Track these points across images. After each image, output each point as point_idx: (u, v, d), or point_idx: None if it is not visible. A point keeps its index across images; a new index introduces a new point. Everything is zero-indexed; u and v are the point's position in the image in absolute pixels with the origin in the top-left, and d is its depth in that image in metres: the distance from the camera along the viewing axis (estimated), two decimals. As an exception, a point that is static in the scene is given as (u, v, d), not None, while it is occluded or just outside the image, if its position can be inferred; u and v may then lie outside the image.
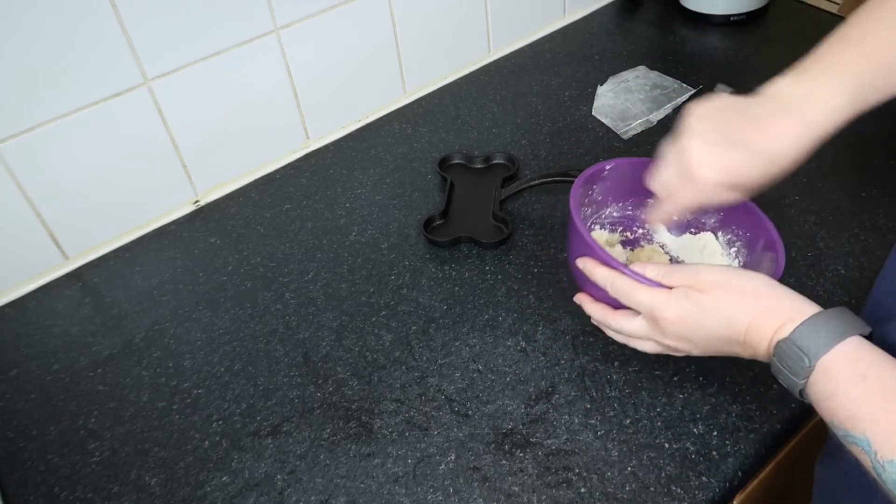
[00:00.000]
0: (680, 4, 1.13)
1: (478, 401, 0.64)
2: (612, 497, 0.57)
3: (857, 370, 0.44)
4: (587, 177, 0.66)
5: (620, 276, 0.56)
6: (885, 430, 0.41)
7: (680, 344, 0.54)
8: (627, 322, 0.57)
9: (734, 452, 0.59)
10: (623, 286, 0.55)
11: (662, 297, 0.53)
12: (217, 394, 0.68)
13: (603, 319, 0.60)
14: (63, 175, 0.77)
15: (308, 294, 0.76)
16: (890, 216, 0.76)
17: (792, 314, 0.48)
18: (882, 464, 0.41)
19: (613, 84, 1.00)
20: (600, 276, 0.57)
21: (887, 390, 0.43)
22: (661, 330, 0.54)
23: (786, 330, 0.47)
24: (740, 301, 0.50)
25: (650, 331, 0.55)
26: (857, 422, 0.43)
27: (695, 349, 0.55)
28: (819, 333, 0.46)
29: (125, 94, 0.77)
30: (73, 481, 0.62)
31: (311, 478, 0.60)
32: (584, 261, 0.59)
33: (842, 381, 0.44)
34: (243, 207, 0.88)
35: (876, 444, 0.42)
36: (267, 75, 0.88)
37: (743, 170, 0.53)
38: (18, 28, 0.68)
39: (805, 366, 0.45)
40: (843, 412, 0.44)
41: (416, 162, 0.92)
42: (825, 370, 0.45)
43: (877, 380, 0.43)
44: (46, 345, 0.74)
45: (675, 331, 0.53)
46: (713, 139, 0.54)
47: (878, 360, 0.44)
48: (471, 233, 0.79)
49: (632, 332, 0.57)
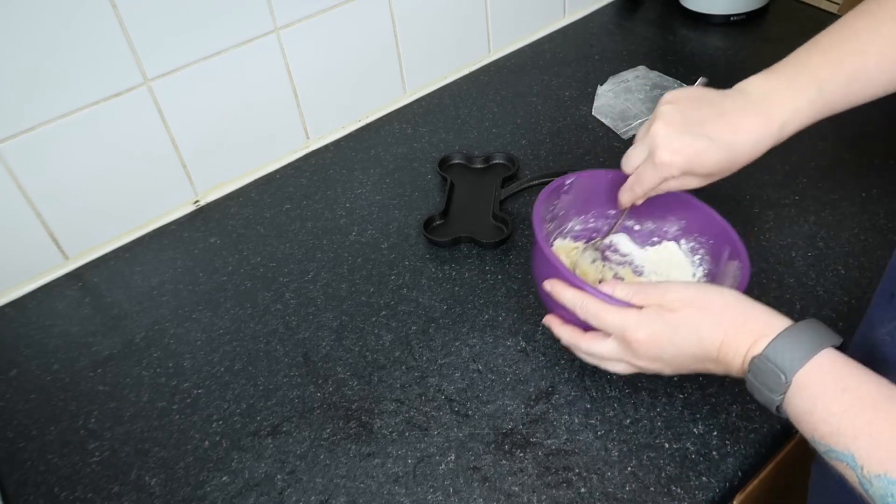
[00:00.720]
0: (680, 4, 1.13)
1: (478, 401, 0.64)
2: (612, 497, 0.57)
3: (835, 383, 0.43)
4: (548, 194, 0.65)
5: (590, 299, 0.55)
6: (870, 444, 0.40)
7: (652, 364, 0.54)
8: (598, 344, 0.57)
9: (734, 452, 0.59)
10: (593, 308, 0.55)
11: (633, 318, 0.53)
12: (217, 394, 0.68)
13: (573, 342, 0.59)
14: (63, 175, 0.77)
15: (308, 294, 0.76)
16: (890, 216, 0.76)
17: (764, 330, 0.48)
18: (869, 479, 0.40)
19: (613, 84, 1.00)
20: (569, 299, 0.57)
21: (868, 402, 0.42)
22: (633, 351, 0.54)
23: (759, 346, 0.47)
24: (711, 318, 0.50)
25: (622, 352, 0.55)
26: (840, 437, 0.42)
27: (667, 368, 0.54)
28: (792, 348, 0.45)
29: (125, 94, 0.77)
30: (73, 481, 0.62)
31: (311, 478, 0.60)
32: (552, 283, 0.59)
33: (820, 396, 0.43)
34: (243, 207, 0.88)
35: (861, 459, 0.40)
36: (267, 75, 0.88)
37: (702, 157, 0.57)
38: (18, 28, 0.68)
39: (781, 381, 0.45)
40: (825, 427, 0.43)
41: (416, 162, 0.92)
42: (803, 385, 0.44)
43: (856, 392, 0.42)
44: (46, 345, 0.74)
45: (646, 351, 0.53)
46: (677, 125, 0.57)
47: (855, 371, 0.44)
48: (471, 233, 0.79)
49: (603, 355, 0.57)
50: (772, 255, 0.74)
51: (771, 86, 0.56)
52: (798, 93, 0.55)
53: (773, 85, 0.56)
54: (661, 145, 0.57)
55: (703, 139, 0.56)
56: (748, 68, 0.66)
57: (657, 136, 0.57)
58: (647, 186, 0.61)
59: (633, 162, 0.61)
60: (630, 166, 0.62)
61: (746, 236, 0.76)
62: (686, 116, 0.57)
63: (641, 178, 0.60)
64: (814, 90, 0.55)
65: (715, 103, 0.57)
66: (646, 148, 0.59)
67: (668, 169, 0.58)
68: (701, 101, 0.58)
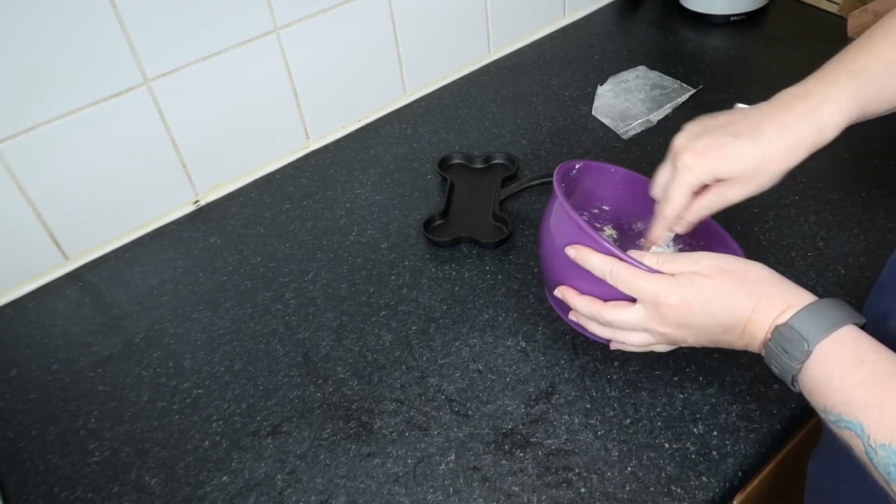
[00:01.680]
0: (680, 4, 1.13)
1: (478, 401, 0.64)
2: (612, 497, 0.57)
3: (854, 355, 0.44)
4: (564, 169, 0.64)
5: (621, 264, 0.54)
6: (880, 415, 0.42)
7: (678, 332, 0.53)
8: (622, 312, 0.55)
9: (734, 452, 0.59)
10: (625, 274, 0.53)
11: (667, 282, 0.52)
12: (217, 394, 0.68)
13: (594, 312, 0.56)
14: (63, 175, 0.77)
15: (308, 294, 0.76)
16: (890, 216, 0.76)
17: (792, 300, 0.49)
18: (875, 448, 0.41)
19: (613, 84, 1.00)
20: (598, 264, 0.54)
21: (884, 376, 0.43)
22: (662, 317, 0.53)
23: (785, 315, 0.48)
24: (745, 287, 0.50)
25: (648, 320, 0.54)
26: (851, 406, 0.43)
27: (690, 337, 0.54)
28: (818, 319, 0.47)
29: (125, 94, 0.77)
30: (73, 481, 0.62)
31: (311, 478, 0.60)
32: (576, 248, 0.56)
33: (838, 366, 0.45)
34: (243, 207, 0.88)
35: (869, 428, 0.42)
36: (267, 75, 0.88)
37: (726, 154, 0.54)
38: (18, 28, 0.68)
39: (804, 349, 0.46)
40: (838, 396, 0.44)
41: (416, 162, 0.92)
42: (822, 355, 0.45)
43: (874, 365, 0.44)
44: (46, 345, 0.74)
45: (677, 317, 0.52)
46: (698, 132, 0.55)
47: (875, 347, 0.45)
48: (471, 233, 0.79)
49: (626, 324, 0.55)
50: (772, 255, 0.74)
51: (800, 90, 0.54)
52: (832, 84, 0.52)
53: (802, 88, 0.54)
54: (682, 151, 0.55)
55: (726, 137, 0.54)
56: (748, 68, 0.66)
57: (677, 145, 0.56)
58: (676, 204, 0.57)
59: (660, 181, 0.59)
60: (658, 186, 0.59)
61: (746, 236, 0.76)
62: (707, 124, 0.56)
63: (669, 195, 0.57)
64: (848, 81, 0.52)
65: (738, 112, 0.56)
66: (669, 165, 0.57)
67: (691, 174, 0.55)
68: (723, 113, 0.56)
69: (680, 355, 0.66)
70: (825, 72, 0.54)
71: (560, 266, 0.59)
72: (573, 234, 0.56)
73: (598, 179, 0.69)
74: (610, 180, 0.69)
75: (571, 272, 0.57)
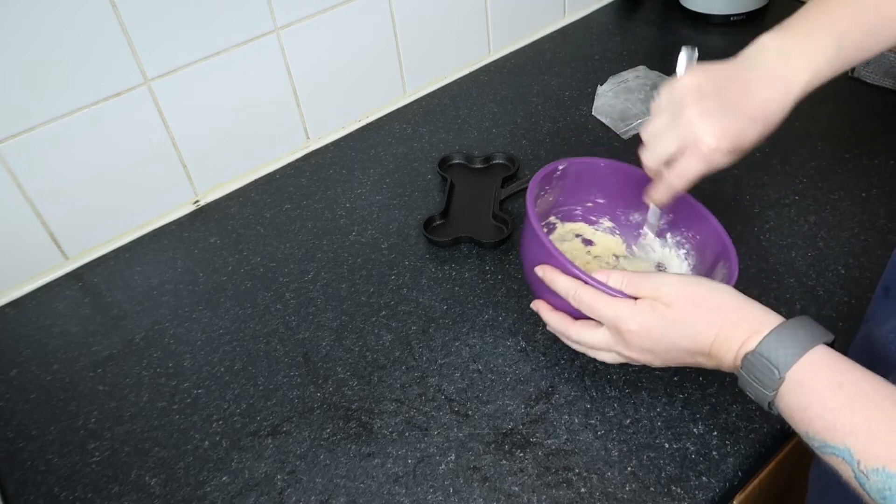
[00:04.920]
0: (680, 4, 1.13)
1: (478, 401, 0.64)
2: (612, 497, 0.57)
3: (830, 379, 0.43)
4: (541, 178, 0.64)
5: (583, 287, 0.55)
6: (867, 439, 0.40)
7: (643, 356, 0.54)
8: (589, 333, 0.56)
9: (734, 452, 0.59)
10: (587, 298, 0.55)
11: (628, 309, 0.53)
12: (217, 394, 0.68)
13: (563, 330, 0.59)
14: (63, 175, 0.77)
15: (308, 294, 0.76)
16: (890, 216, 0.76)
17: (757, 326, 0.48)
18: (866, 473, 0.40)
19: (613, 84, 1.00)
20: (562, 287, 0.56)
21: (865, 399, 0.42)
22: (626, 342, 0.54)
23: (752, 343, 0.47)
24: (706, 315, 0.50)
25: (613, 342, 0.55)
26: (836, 432, 0.42)
27: (657, 360, 0.54)
28: (786, 344, 0.46)
29: (125, 94, 0.77)
30: (73, 481, 0.62)
31: (311, 478, 0.60)
32: (543, 269, 0.58)
33: (816, 391, 0.43)
34: (243, 207, 0.88)
35: (858, 454, 0.40)
36: (267, 75, 0.88)
37: (743, 135, 0.55)
38: (18, 28, 0.68)
39: (775, 377, 0.45)
40: (820, 422, 0.43)
41: (416, 162, 0.92)
42: (797, 380, 0.44)
43: (853, 387, 0.42)
44: (46, 345, 0.74)
45: (638, 343, 0.53)
46: (713, 109, 0.55)
47: (848, 367, 0.44)
48: (471, 233, 0.79)
49: (593, 344, 0.57)
50: (772, 255, 0.74)
51: (787, 45, 0.55)
52: (816, 52, 0.54)
53: (790, 43, 0.55)
54: (705, 131, 0.54)
55: (743, 118, 0.55)
56: (748, 68, 0.66)
57: (696, 122, 0.55)
58: (691, 177, 0.57)
59: (660, 153, 0.58)
60: (656, 159, 0.58)
61: (746, 236, 0.76)
62: (716, 98, 0.55)
63: (684, 170, 0.57)
64: (832, 48, 0.54)
65: (736, 78, 0.56)
66: (676, 137, 0.56)
67: (717, 155, 0.55)
68: (722, 79, 0.56)
69: (680, 355, 0.66)
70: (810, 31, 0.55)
71: (534, 282, 0.60)
72: (541, 254, 0.58)
73: (589, 174, 0.69)
74: (601, 174, 0.70)
75: (545, 288, 0.59)
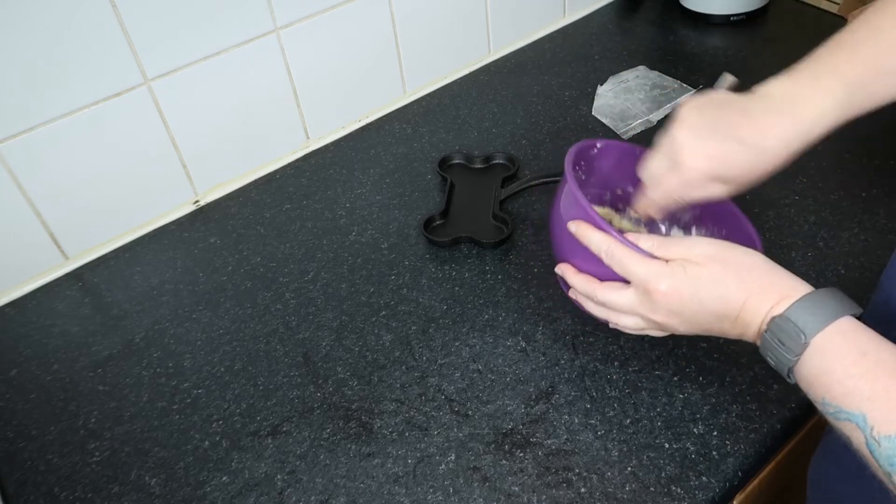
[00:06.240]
0: (680, 4, 1.13)
1: (478, 401, 0.64)
2: (612, 497, 0.57)
3: (855, 346, 0.44)
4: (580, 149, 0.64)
5: (616, 244, 0.54)
6: (885, 406, 0.41)
7: (668, 319, 0.53)
8: (616, 294, 0.55)
9: (734, 452, 0.59)
10: (619, 254, 0.54)
11: (658, 268, 0.52)
12: (217, 394, 0.68)
13: (589, 291, 0.57)
14: (63, 175, 0.77)
15: (308, 294, 0.76)
16: (890, 216, 0.76)
17: (788, 292, 0.48)
18: (877, 439, 0.41)
19: (613, 84, 1.00)
20: (595, 241, 0.55)
21: (886, 367, 0.43)
22: (653, 303, 0.52)
23: (781, 307, 0.47)
24: (737, 276, 0.50)
25: (639, 304, 0.54)
26: (853, 397, 0.43)
27: (682, 325, 0.53)
28: (815, 310, 0.46)
29: (125, 94, 0.77)
30: (73, 481, 0.62)
31: (311, 478, 0.60)
32: (577, 224, 0.56)
33: (839, 358, 0.44)
34: (243, 207, 0.88)
35: (873, 420, 0.41)
36: (267, 75, 0.88)
37: (730, 160, 0.54)
38: (18, 28, 0.68)
39: (801, 342, 0.45)
40: (839, 388, 0.44)
41: (416, 162, 0.92)
42: (821, 346, 0.45)
43: (876, 356, 0.43)
44: (46, 345, 0.74)
45: (667, 304, 0.52)
46: (702, 129, 0.55)
47: (876, 338, 0.45)
48: (471, 233, 0.79)
49: (618, 306, 0.55)
50: (772, 255, 0.73)
51: (797, 88, 0.54)
52: (825, 94, 0.53)
53: (799, 87, 0.54)
54: (685, 149, 0.55)
55: (730, 142, 0.54)
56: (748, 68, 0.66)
57: (680, 140, 0.55)
58: (666, 193, 0.58)
59: (652, 170, 0.59)
60: (648, 174, 0.59)
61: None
62: (709, 120, 0.55)
63: (662, 183, 0.57)
64: (842, 91, 0.52)
65: (738, 106, 0.55)
66: (666, 156, 0.57)
67: (693, 174, 0.55)
68: (723, 105, 0.56)
69: (680, 355, 0.66)
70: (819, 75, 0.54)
71: (563, 243, 0.60)
72: (576, 213, 0.57)
73: (621, 160, 0.67)
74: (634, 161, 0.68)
75: (573, 250, 0.58)
